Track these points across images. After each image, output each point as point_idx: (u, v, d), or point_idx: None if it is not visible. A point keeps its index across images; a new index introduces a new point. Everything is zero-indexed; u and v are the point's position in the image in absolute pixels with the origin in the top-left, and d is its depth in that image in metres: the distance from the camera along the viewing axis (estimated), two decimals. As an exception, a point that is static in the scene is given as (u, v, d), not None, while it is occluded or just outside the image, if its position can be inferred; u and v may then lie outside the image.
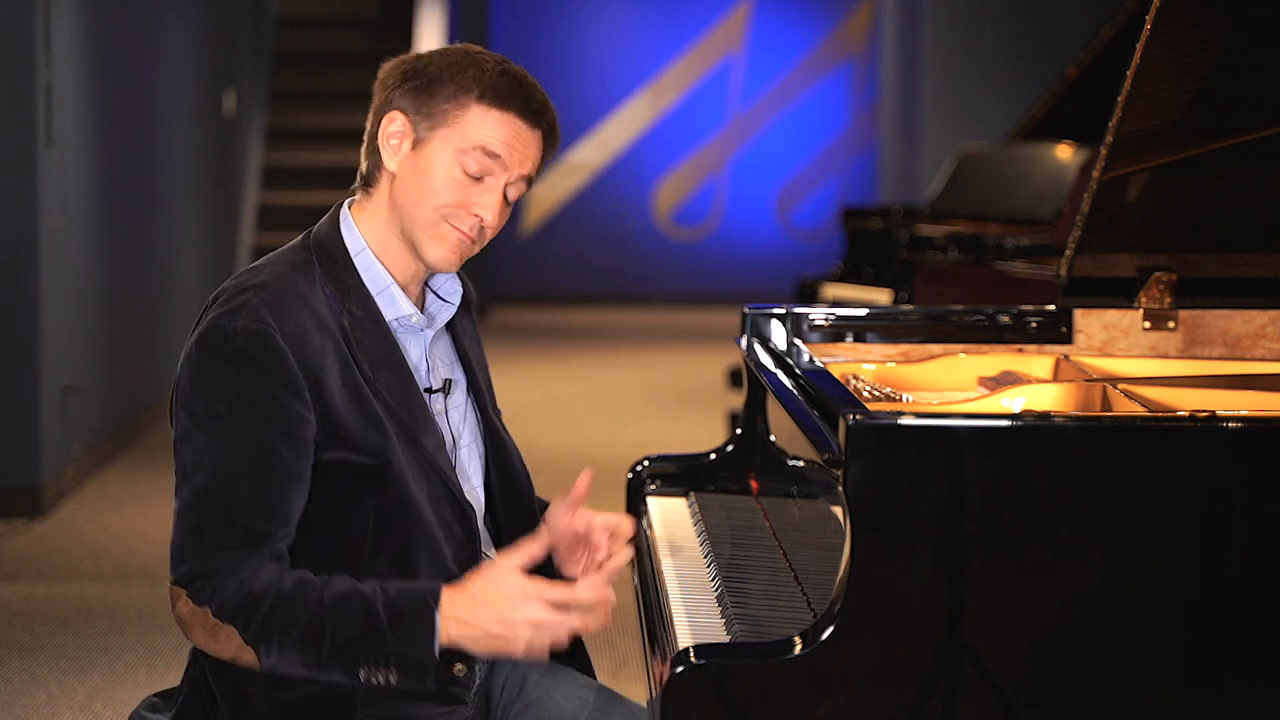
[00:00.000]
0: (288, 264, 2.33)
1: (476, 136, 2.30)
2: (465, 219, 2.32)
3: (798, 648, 2.10)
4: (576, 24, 14.54)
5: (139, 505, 6.63)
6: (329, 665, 2.19)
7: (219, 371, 2.22)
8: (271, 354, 2.21)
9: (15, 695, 4.49)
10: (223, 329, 2.22)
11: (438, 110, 2.31)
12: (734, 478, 3.07)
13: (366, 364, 2.28)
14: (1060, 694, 2.12)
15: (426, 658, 2.18)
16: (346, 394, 2.25)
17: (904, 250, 6.44)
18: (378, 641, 2.17)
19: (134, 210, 8.01)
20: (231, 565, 2.19)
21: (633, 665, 4.68)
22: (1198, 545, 2.12)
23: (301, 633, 2.17)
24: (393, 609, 2.19)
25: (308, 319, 2.25)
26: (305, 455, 2.23)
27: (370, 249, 2.35)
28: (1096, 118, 3.88)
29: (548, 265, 14.31)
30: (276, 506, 2.21)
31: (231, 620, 2.19)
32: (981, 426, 2.13)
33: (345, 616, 2.18)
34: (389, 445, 2.26)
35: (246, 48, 11.30)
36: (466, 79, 2.31)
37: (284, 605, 2.18)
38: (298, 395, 2.21)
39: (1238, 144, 2.98)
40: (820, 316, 3.15)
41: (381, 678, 2.18)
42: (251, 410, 2.20)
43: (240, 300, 2.25)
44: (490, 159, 2.30)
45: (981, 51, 10.33)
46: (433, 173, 2.31)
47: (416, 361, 2.38)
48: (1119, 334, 3.12)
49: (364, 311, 2.31)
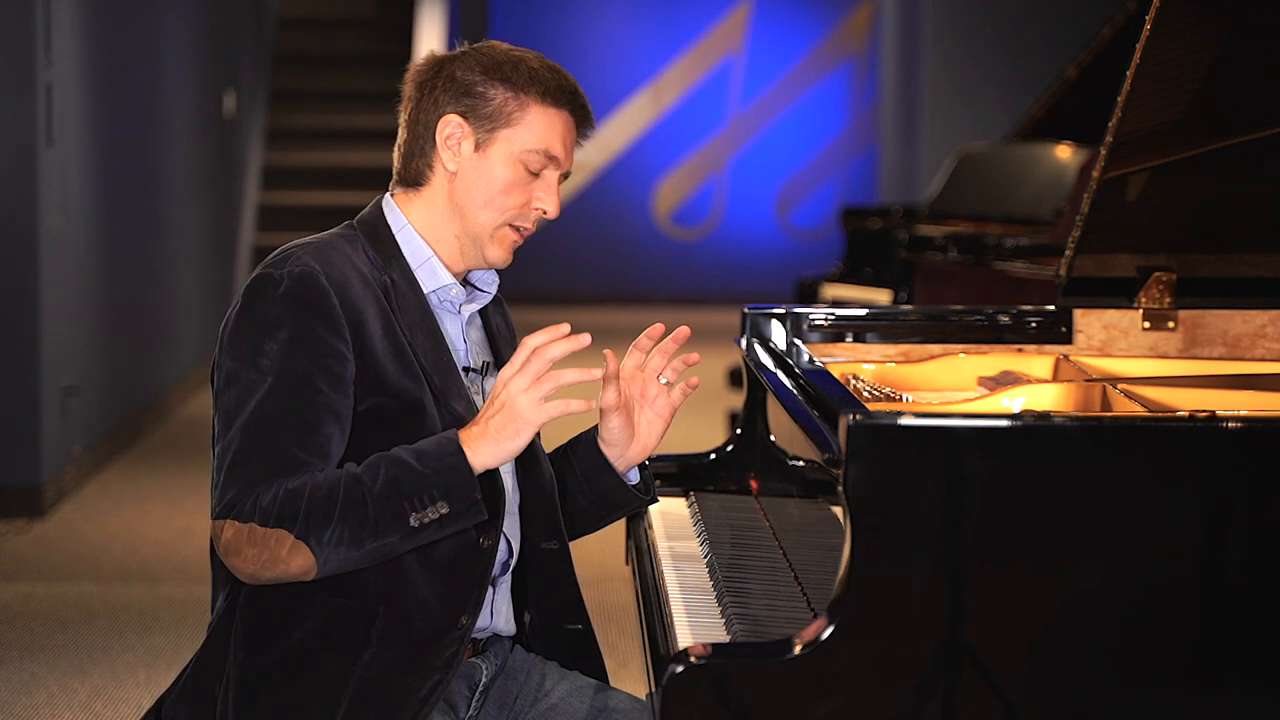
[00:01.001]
0: (334, 234, 2.42)
1: (540, 138, 2.40)
2: (527, 217, 2.42)
3: (798, 648, 2.10)
4: (576, 24, 14.54)
5: (139, 505, 6.63)
6: (379, 524, 2.22)
7: (265, 312, 2.29)
8: (316, 292, 2.28)
9: (15, 695, 4.49)
10: (270, 275, 2.31)
11: (498, 112, 2.38)
12: (734, 478, 3.07)
13: (405, 324, 2.35)
14: (1060, 694, 2.12)
15: (466, 477, 2.24)
16: (387, 343, 2.32)
17: (904, 250, 6.44)
18: (416, 479, 2.23)
19: (134, 210, 8.01)
20: (267, 485, 2.24)
21: (633, 665, 4.68)
22: (1198, 545, 2.12)
23: (344, 503, 2.22)
24: (418, 450, 2.26)
25: (352, 272, 2.34)
26: (344, 393, 2.29)
27: (412, 227, 2.43)
28: (1096, 118, 3.88)
29: (547, 265, 14.31)
30: (314, 439, 2.26)
31: (278, 521, 2.22)
32: (981, 426, 2.13)
33: (378, 473, 2.24)
34: (424, 396, 2.33)
35: (246, 48, 11.30)
36: (520, 79, 2.39)
37: (321, 491, 2.23)
38: (339, 334, 2.28)
39: (1238, 144, 2.97)
40: (820, 316, 3.15)
41: (432, 514, 2.23)
42: (295, 346, 2.27)
43: (286, 253, 2.34)
44: (549, 159, 2.40)
45: (981, 51, 10.33)
46: (495, 174, 2.39)
47: (454, 339, 2.44)
48: (1119, 334, 3.12)
49: (404, 280, 2.39)
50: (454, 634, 2.31)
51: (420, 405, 2.32)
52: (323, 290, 2.28)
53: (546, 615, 2.52)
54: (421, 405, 2.32)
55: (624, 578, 3.03)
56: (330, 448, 2.28)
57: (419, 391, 2.32)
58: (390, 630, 2.28)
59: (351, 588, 2.28)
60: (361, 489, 2.23)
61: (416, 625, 2.29)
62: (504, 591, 2.46)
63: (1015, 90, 9.82)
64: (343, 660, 2.27)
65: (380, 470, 2.24)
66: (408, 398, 2.31)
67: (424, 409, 2.32)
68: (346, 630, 2.28)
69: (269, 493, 2.23)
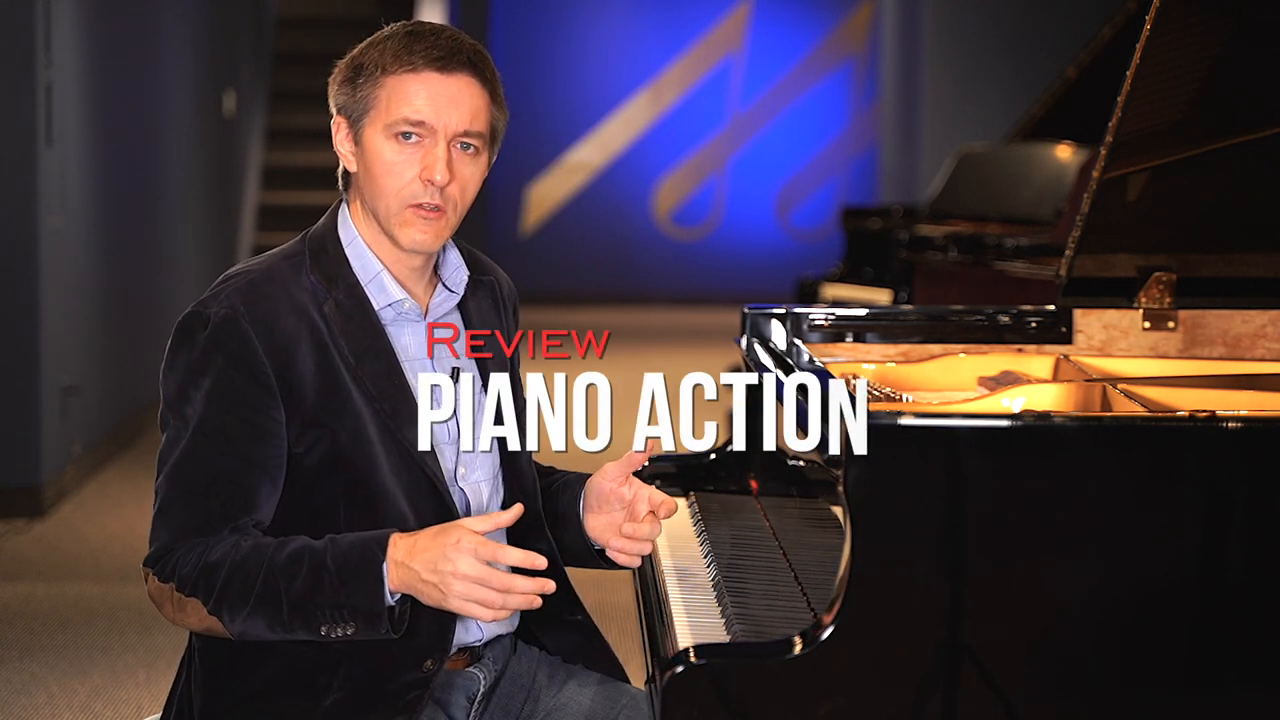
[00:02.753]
0: (280, 255, 2.36)
1: (395, 108, 2.28)
2: (423, 192, 2.29)
3: (798, 648, 2.10)
4: (576, 24, 14.53)
5: (139, 505, 6.63)
6: (292, 624, 2.20)
7: (188, 357, 2.25)
8: (237, 340, 2.24)
9: (15, 695, 4.49)
10: (197, 315, 2.27)
11: (361, 99, 2.31)
12: (734, 478, 3.07)
13: (350, 352, 2.28)
14: (1060, 694, 2.12)
15: (377, 606, 2.19)
16: (320, 379, 2.26)
17: (904, 250, 6.44)
18: (330, 594, 2.18)
19: (134, 210, 8.00)
20: (191, 544, 2.22)
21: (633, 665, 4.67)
22: (1197, 545, 2.12)
23: (259, 595, 2.19)
24: (341, 560, 2.19)
25: (284, 306, 2.27)
26: (269, 443, 2.24)
27: (361, 239, 2.36)
28: (1096, 118, 3.88)
29: (548, 265, 14.30)
30: (236, 491, 2.23)
31: (193, 592, 2.21)
32: (981, 426, 2.13)
33: (296, 573, 2.19)
34: (366, 426, 2.26)
35: (246, 48, 11.30)
36: (373, 55, 2.30)
37: (240, 571, 2.20)
38: (261, 383, 2.23)
39: (1238, 144, 2.97)
40: (820, 316, 3.15)
41: (341, 631, 2.20)
42: (215, 397, 2.23)
43: (219, 288, 2.29)
44: (416, 125, 2.28)
45: (981, 51, 10.33)
46: (376, 160, 2.30)
47: (415, 351, 2.36)
48: (1119, 334, 3.12)
49: (350, 300, 2.31)
50: (419, 677, 2.28)
51: (364, 436, 2.26)
52: (243, 336, 2.23)
53: (547, 607, 2.49)
54: (366, 436, 2.26)
55: (624, 578, 3.02)
56: (256, 498, 2.24)
57: (360, 423, 2.26)
58: (353, 677, 2.26)
59: None
60: (279, 584, 2.19)
61: (381, 671, 2.27)
62: None
63: (1015, 90, 9.82)
64: (305, 704, 2.27)
65: (302, 568, 2.19)
66: (348, 430, 2.26)
67: (369, 440, 2.26)
68: (310, 677, 2.27)
69: (189, 558, 2.21)
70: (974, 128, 9.77)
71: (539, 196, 14.59)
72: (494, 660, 2.43)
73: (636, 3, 14.59)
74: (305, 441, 2.26)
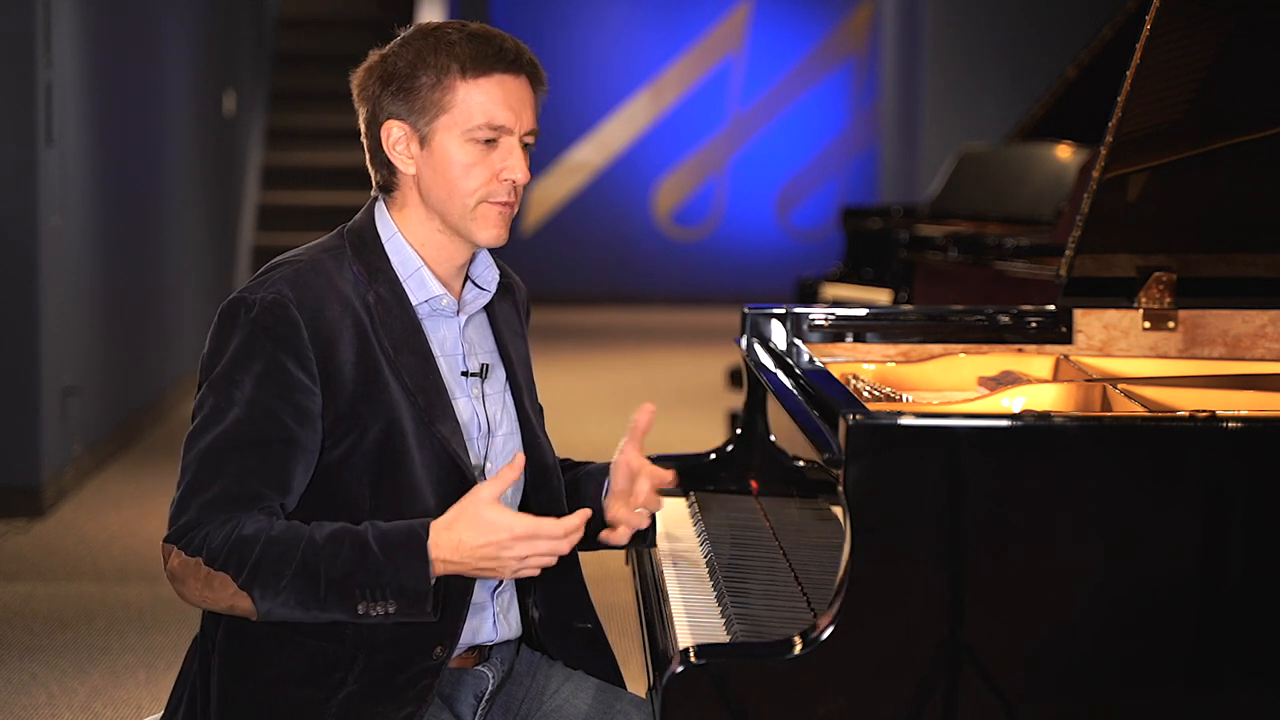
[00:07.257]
0: (319, 248, 2.39)
1: (476, 114, 2.32)
2: (499, 190, 2.35)
3: (798, 648, 2.10)
4: (577, 24, 14.54)
5: (139, 505, 6.63)
6: (327, 601, 2.21)
7: (234, 339, 2.27)
8: (285, 324, 2.26)
9: (15, 695, 4.49)
10: (243, 299, 2.29)
11: (428, 103, 2.33)
12: (734, 478, 3.07)
13: (389, 344, 2.32)
14: (1060, 694, 2.12)
15: (422, 585, 2.21)
16: (360, 369, 2.29)
17: (904, 250, 6.44)
18: (373, 572, 2.20)
19: (134, 210, 8.01)
20: (222, 519, 2.23)
21: (633, 665, 4.68)
22: (1197, 545, 2.12)
23: (295, 572, 2.20)
24: (385, 541, 2.21)
25: (329, 295, 2.31)
26: (310, 427, 2.27)
27: (401, 235, 2.39)
28: (1096, 118, 3.88)
29: (548, 265, 14.30)
30: (273, 471, 2.25)
31: (224, 566, 2.21)
32: (981, 426, 2.13)
33: (338, 551, 2.21)
34: (402, 418, 2.29)
35: (246, 48, 11.30)
36: (440, 59, 2.32)
37: (275, 547, 2.21)
38: (305, 368, 2.26)
39: (1238, 144, 2.98)
40: (820, 316, 3.15)
41: (380, 610, 2.21)
42: (265, 379, 2.26)
43: (264, 276, 2.32)
44: (496, 129, 2.33)
45: (981, 51, 10.33)
46: (451, 163, 2.34)
47: (450, 346, 2.40)
48: (1119, 334, 3.12)
49: (390, 294, 2.35)
50: (430, 664, 2.29)
51: (398, 427, 2.29)
52: (293, 322, 2.26)
53: (555, 612, 2.50)
54: (400, 427, 2.29)
55: (624, 578, 3.02)
56: (291, 481, 2.27)
57: (395, 414, 2.29)
58: (367, 670, 2.28)
59: (329, 631, 2.27)
60: (319, 563, 2.20)
61: (393, 662, 2.28)
62: (505, 601, 2.44)
63: (1015, 90, 9.82)
64: (319, 695, 2.28)
65: (342, 549, 2.21)
66: (383, 420, 2.29)
67: (402, 431, 2.29)
68: (324, 671, 2.28)
69: (220, 531, 2.22)
70: (974, 128, 9.77)
71: (539, 196, 14.59)
72: (502, 660, 2.46)
73: (636, 3, 14.59)
74: (339, 430, 2.29)
